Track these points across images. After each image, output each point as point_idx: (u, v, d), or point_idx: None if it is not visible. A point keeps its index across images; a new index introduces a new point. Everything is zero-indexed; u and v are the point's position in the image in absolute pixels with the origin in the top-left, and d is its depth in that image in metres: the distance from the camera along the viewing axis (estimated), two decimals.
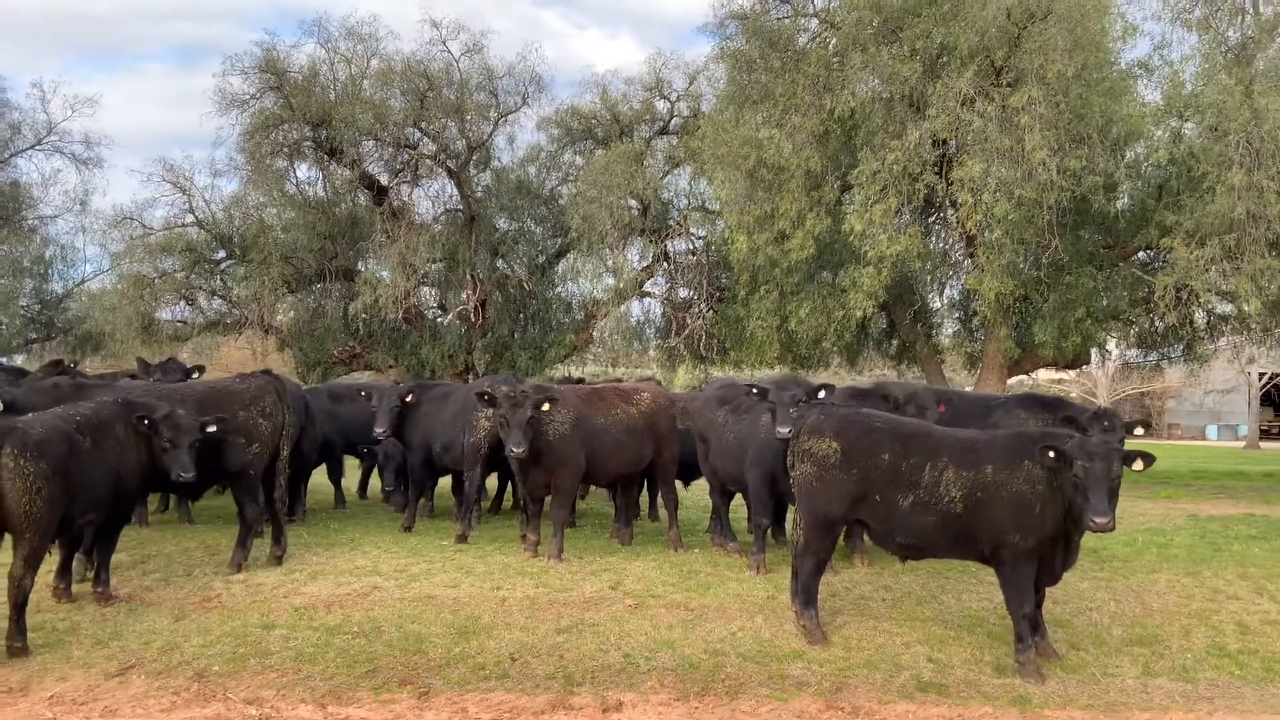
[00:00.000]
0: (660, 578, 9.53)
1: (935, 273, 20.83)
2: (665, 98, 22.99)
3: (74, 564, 8.87)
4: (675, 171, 23.01)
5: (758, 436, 9.75)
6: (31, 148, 27.29)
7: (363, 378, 24.76)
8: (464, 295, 23.13)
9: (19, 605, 7.48)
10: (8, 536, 7.56)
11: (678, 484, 11.78)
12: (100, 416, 8.29)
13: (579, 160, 23.99)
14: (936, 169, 16.75)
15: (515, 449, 9.64)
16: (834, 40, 18.07)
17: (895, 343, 22.98)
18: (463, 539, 11.00)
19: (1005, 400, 12.08)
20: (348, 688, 7.17)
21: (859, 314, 17.69)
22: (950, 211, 18.74)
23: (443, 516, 12.97)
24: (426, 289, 24.16)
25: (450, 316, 23.22)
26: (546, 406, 9.86)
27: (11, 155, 27.24)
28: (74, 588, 8.79)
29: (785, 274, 18.53)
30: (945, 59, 16.89)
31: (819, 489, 7.79)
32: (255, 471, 9.52)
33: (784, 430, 8.85)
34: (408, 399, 11.95)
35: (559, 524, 10.32)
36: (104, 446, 8.12)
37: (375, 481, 15.04)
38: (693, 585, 9.31)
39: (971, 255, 18.59)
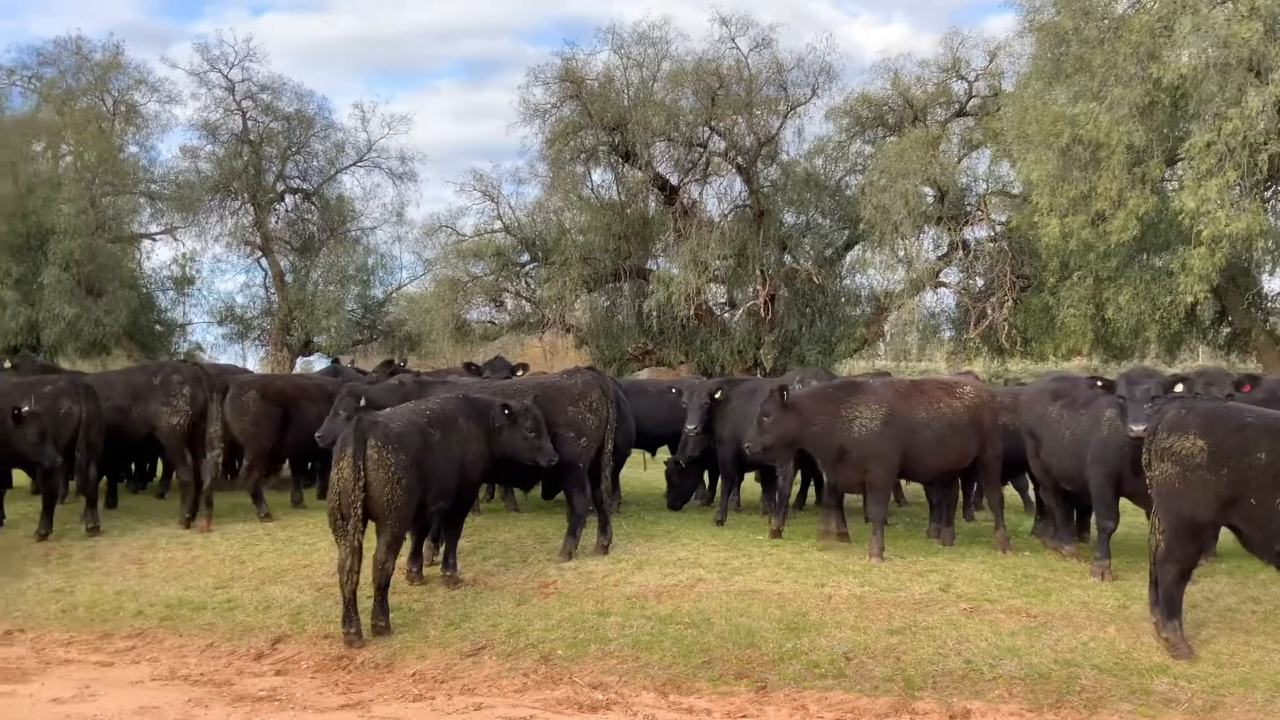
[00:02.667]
0: (993, 581, 9.08)
1: (1275, 253, 18.79)
2: (963, 78, 22.06)
3: (424, 549, 9.50)
4: (973, 155, 22.06)
5: (1100, 433, 9.08)
6: (354, 164, 29.83)
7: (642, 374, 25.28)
8: (752, 290, 23.20)
9: (382, 587, 8.05)
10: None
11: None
12: (446, 411, 8.82)
13: (868, 149, 23.48)
14: None
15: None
16: (1156, 4, 16.65)
17: (1226, 330, 20.94)
18: (777, 534, 10.96)
19: None
20: (686, 678, 7.27)
21: (1189, 299, 16.24)
22: None
23: (749, 510, 12.99)
24: (715, 285, 24.38)
25: (739, 312, 23.34)
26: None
27: (337, 172, 29.90)
28: (424, 571, 9.42)
29: (1101, 258, 17.30)
30: None
31: (1182, 491, 7.13)
32: (583, 464, 9.87)
33: (1137, 428, 8.18)
34: (716, 395, 12.04)
35: (877, 522, 10.07)
36: (450, 439, 8.63)
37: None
38: (1031, 590, 8.81)
39: None
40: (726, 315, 24.17)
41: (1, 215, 23.75)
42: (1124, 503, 9.48)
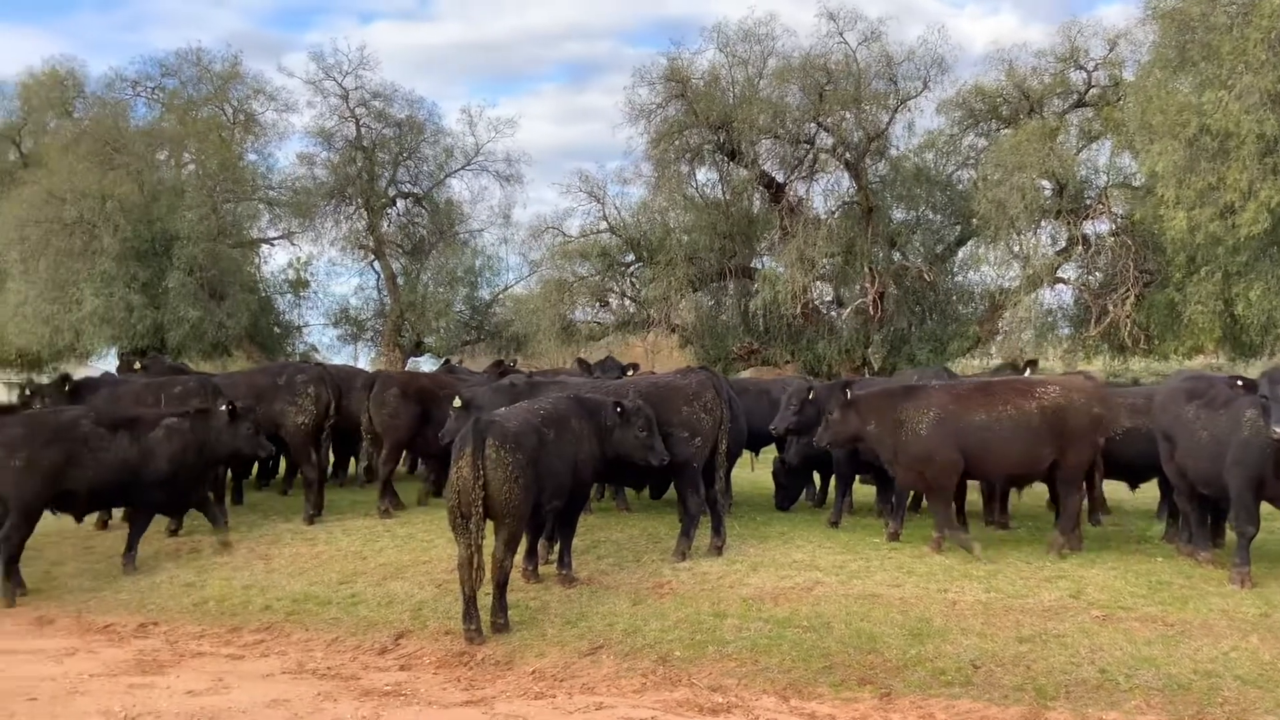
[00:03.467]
0: (1126, 588, 8.73)
1: None
2: (1081, 67, 21.27)
3: (539, 548, 9.57)
4: (1092, 146, 21.29)
5: (1240, 435, 8.66)
6: (462, 168, 30.25)
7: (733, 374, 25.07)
8: (860, 288, 22.82)
9: (500, 585, 8.15)
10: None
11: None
12: (559, 411, 8.87)
13: (982, 142, 22.86)
14: None
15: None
16: None
17: None
18: (895, 537, 10.74)
19: None
20: (806, 682, 7.17)
21: None
22: None
23: (862, 511, 12.76)
24: (822, 283, 24.05)
25: (847, 311, 22.98)
26: None
27: (446, 176, 30.35)
28: (540, 569, 9.48)
29: (1230, 253, 16.52)
30: None
31: None
32: (697, 464, 9.81)
33: None
34: (810, 397, 11.80)
35: (941, 522, 10.07)
36: (564, 438, 8.67)
37: None
38: (1166, 597, 8.45)
39: None
40: (834, 314, 23.81)
41: (129, 222, 24.73)
42: (1264, 507, 9.05)
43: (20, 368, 32.76)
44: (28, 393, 12.76)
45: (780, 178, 23.36)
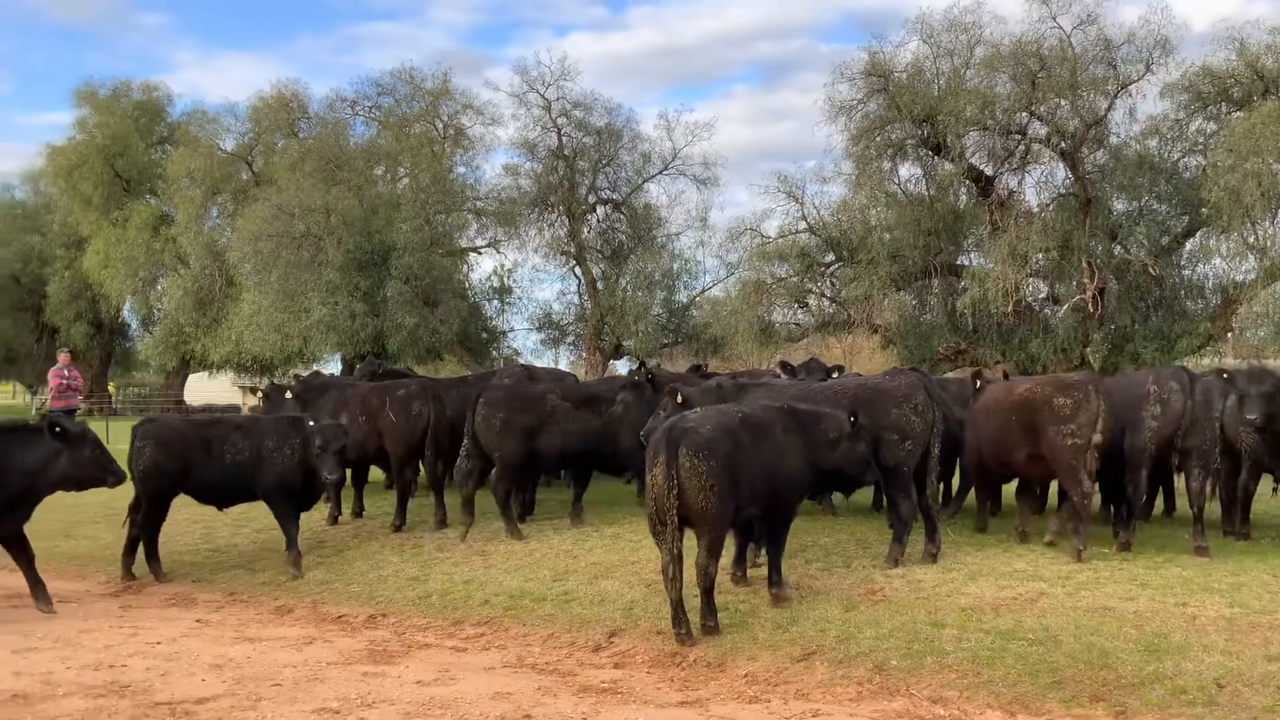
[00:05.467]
0: None
1: None
2: None
3: (748, 552, 9.48)
4: None
5: None
6: (659, 173, 30.66)
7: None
8: (1077, 284, 21.73)
9: (706, 590, 8.08)
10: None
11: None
12: (761, 417, 8.60)
13: (1211, 126, 21.38)
14: None
15: None
16: None
17: None
18: (1126, 547, 10.10)
19: None
20: (1034, 697, 6.83)
21: None
22: None
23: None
24: (1035, 280, 23.04)
25: (1063, 308, 21.93)
26: None
27: (644, 181, 30.85)
28: (749, 573, 9.41)
29: None
30: None
31: None
32: (909, 468, 9.53)
33: None
34: None
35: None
36: (763, 445, 8.38)
37: None
38: None
39: None
40: (1048, 311, 22.81)
41: (350, 234, 26.28)
42: None
43: (255, 372, 35.43)
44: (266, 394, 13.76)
45: (989, 170, 22.61)
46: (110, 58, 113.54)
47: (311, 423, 10.75)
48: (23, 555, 9.44)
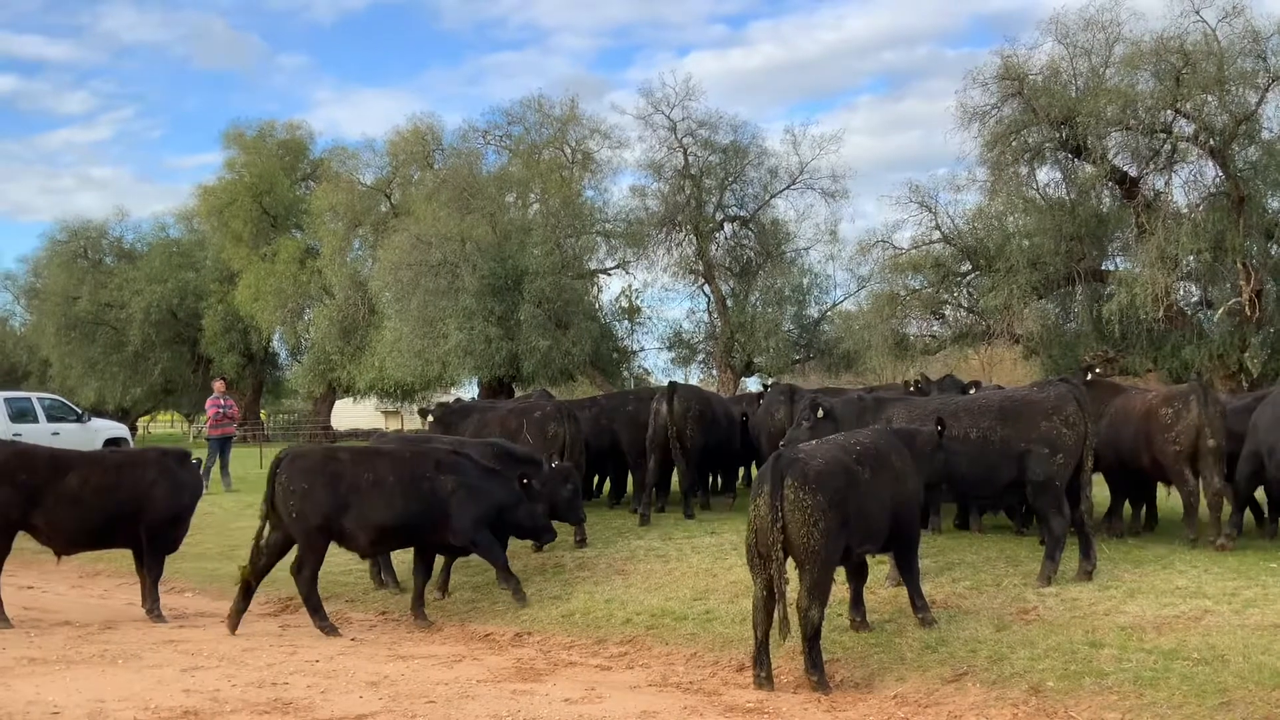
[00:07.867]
0: None
1: None
2: None
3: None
4: None
5: None
6: (787, 188, 30.48)
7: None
8: (1232, 287, 20.69)
9: (810, 639, 7.43)
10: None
11: None
12: (879, 446, 8.20)
13: None
14: None
15: None
16: None
17: None
18: None
19: None
20: (1201, 719, 6.51)
21: None
22: None
23: (1249, 532, 11.46)
24: (1187, 283, 22.04)
25: (1218, 312, 20.89)
26: None
27: (771, 197, 30.71)
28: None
29: None
30: None
31: None
32: (1060, 482, 9.21)
33: None
34: None
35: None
36: (881, 477, 7.97)
37: None
38: None
39: None
40: (1201, 316, 21.77)
41: (485, 260, 26.94)
42: None
43: (397, 398, 36.56)
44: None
45: (1133, 171, 21.76)
46: (255, 99, 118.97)
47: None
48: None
